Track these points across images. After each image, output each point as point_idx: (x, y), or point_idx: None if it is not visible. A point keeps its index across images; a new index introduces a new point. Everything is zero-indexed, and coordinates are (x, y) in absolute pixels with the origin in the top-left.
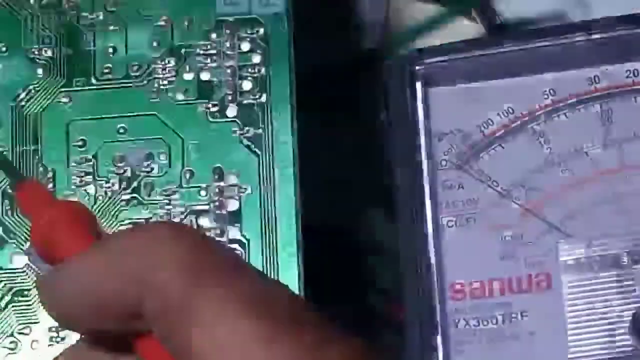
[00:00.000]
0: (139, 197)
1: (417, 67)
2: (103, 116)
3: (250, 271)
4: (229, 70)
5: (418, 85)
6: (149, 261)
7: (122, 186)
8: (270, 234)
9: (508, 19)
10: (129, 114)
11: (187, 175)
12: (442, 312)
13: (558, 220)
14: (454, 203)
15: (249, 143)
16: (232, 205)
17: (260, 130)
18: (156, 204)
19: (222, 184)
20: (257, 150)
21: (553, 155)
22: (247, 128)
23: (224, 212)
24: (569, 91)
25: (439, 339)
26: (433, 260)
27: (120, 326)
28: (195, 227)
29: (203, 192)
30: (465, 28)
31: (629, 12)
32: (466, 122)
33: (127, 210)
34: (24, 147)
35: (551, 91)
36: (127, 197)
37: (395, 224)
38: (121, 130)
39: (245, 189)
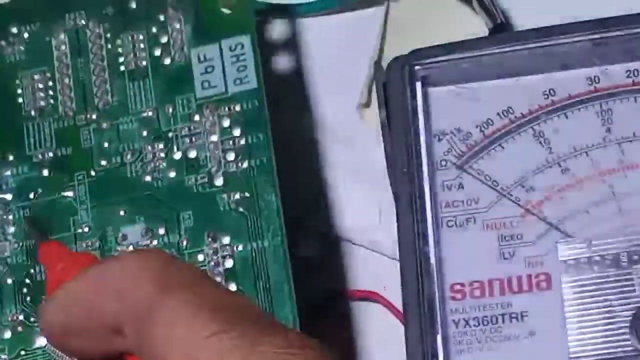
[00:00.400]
0: None
1: (417, 67)
2: (104, 203)
3: (211, 281)
4: (212, 146)
5: (418, 85)
6: (123, 277)
7: None
8: (264, 283)
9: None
10: (127, 197)
11: (184, 243)
12: (442, 312)
13: (558, 220)
14: (454, 203)
15: (237, 206)
16: (228, 263)
17: (246, 194)
18: None
19: (216, 245)
20: (244, 212)
21: (553, 155)
22: (233, 193)
23: (220, 269)
24: (569, 91)
25: (439, 339)
26: (433, 260)
27: (105, 344)
28: None
29: (200, 256)
30: (468, 20)
31: (628, 12)
32: (466, 122)
33: None
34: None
35: (551, 91)
36: None
37: (395, 224)
38: (121, 213)
39: (237, 247)
